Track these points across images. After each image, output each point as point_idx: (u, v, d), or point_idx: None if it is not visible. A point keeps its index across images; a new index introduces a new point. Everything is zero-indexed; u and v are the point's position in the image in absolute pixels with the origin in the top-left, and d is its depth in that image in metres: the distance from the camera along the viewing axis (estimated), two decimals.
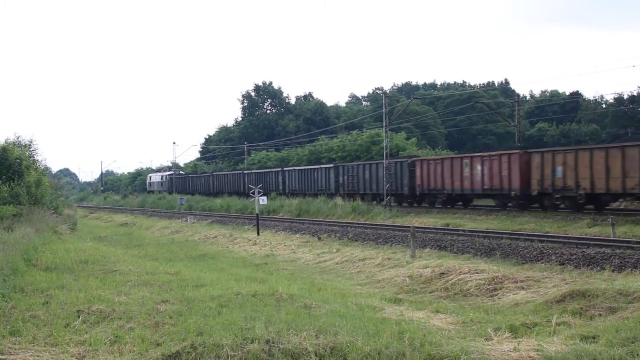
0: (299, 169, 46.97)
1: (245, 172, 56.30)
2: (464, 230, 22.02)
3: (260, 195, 28.52)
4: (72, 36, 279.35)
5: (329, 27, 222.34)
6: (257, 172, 53.68)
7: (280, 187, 47.91)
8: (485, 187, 29.36)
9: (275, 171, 50.48)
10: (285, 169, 49.34)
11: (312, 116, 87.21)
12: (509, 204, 29.17)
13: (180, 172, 78.31)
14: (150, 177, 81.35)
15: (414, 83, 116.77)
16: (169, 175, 74.21)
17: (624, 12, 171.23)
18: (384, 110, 39.71)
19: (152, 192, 73.99)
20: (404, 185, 34.46)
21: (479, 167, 29.68)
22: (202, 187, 64.51)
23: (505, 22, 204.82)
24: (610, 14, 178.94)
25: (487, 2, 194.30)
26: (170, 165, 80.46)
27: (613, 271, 13.19)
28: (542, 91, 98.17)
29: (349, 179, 39.33)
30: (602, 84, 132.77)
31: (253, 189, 28.48)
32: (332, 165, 43.10)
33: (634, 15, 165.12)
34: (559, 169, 25.94)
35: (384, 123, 39.40)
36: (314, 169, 44.47)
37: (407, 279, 14.29)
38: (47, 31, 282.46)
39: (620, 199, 26.01)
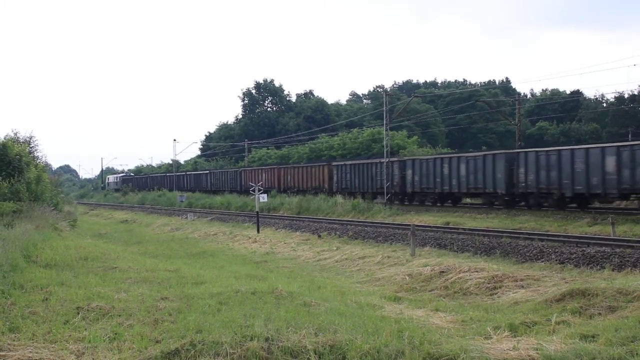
0: (194, 174, 69.66)
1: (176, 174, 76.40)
2: (464, 229, 22.01)
3: (261, 193, 28.54)
4: (73, 32, 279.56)
5: (330, 25, 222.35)
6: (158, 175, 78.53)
7: (203, 186, 67.79)
8: (274, 186, 50.55)
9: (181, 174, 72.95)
10: (188, 172, 72.18)
11: (313, 114, 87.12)
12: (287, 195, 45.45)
13: (131, 174, 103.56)
14: (109, 178, 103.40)
15: (414, 81, 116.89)
16: (121, 176, 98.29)
17: (624, 12, 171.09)
18: (384, 109, 39.69)
19: (109, 190, 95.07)
20: (238, 185, 55.81)
21: (268, 174, 52.46)
22: (148, 185, 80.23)
23: (506, 21, 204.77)
24: (611, 14, 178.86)
25: (488, 2, 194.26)
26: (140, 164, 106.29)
27: (613, 270, 13.17)
28: (542, 90, 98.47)
29: (216, 180, 61.36)
30: (602, 83, 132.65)
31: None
32: (207, 171, 66.16)
33: (634, 16, 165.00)
34: (289, 177, 48.51)
35: (384, 121, 39.39)
36: (200, 173, 67.81)
37: (407, 277, 14.26)
38: (48, 27, 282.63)
39: (317, 191, 42.82)
